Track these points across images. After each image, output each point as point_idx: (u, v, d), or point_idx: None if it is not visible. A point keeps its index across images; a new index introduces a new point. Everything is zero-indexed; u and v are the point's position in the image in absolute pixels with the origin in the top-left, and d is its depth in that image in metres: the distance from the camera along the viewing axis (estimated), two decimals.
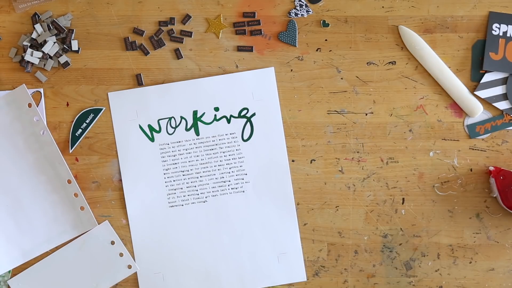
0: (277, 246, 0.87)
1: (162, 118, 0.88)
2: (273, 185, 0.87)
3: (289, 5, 0.88)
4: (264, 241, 0.87)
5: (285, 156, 0.88)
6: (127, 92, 0.88)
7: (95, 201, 0.89)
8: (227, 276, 0.87)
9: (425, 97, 0.87)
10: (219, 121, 0.88)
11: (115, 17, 0.89)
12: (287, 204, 0.87)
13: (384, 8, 0.87)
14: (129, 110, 0.88)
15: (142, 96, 0.88)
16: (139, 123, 0.88)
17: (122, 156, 0.88)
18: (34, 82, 0.89)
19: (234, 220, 0.88)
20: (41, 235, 0.88)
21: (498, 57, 0.87)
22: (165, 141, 0.88)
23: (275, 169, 0.87)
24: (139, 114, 0.88)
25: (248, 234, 0.87)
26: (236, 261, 0.87)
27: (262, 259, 0.87)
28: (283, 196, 0.87)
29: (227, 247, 0.88)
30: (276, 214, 0.87)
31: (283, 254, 0.87)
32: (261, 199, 0.87)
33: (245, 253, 0.87)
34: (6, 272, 0.88)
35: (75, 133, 0.89)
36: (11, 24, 0.89)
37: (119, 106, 0.88)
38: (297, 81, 0.88)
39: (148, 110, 0.88)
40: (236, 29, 0.88)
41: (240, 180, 0.88)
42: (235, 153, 0.88)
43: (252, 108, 0.88)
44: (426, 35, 0.87)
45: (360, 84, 0.88)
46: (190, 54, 0.89)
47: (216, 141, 0.88)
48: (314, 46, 0.88)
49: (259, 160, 0.87)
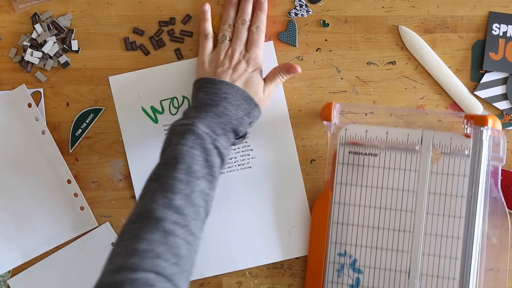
0: (288, 220, 0.87)
1: (165, 98, 0.88)
2: (280, 159, 0.87)
3: (289, 5, 0.88)
4: (274, 215, 0.87)
5: (289, 128, 0.87)
6: (128, 75, 0.88)
7: (95, 201, 0.89)
8: (240, 253, 0.87)
9: (425, 97, 0.87)
10: None
11: (115, 17, 0.89)
12: (295, 176, 0.87)
13: (384, 8, 0.87)
14: (131, 93, 0.88)
15: (143, 78, 0.88)
16: (141, 105, 0.88)
17: (127, 140, 0.88)
18: (34, 82, 0.89)
19: (242, 196, 0.87)
20: (41, 235, 0.88)
21: (498, 57, 0.87)
22: (168, 122, 0.87)
23: (280, 142, 0.87)
24: (141, 96, 0.88)
25: (257, 210, 0.87)
26: (248, 238, 0.87)
27: (274, 233, 0.87)
28: (290, 169, 0.87)
29: (237, 224, 0.87)
30: (284, 188, 0.87)
31: (294, 227, 0.87)
32: (269, 174, 0.87)
33: (256, 229, 0.87)
34: (6, 272, 0.88)
35: (75, 133, 0.89)
36: (11, 24, 0.89)
37: (120, 89, 0.88)
38: (297, 81, 0.88)
39: (150, 91, 0.88)
40: None
41: (246, 156, 0.87)
42: None
43: None
44: (426, 35, 0.87)
45: (360, 84, 0.88)
46: (190, 54, 0.88)
47: None
48: (314, 46, 0.88)
49: (264, 134, 0.87)
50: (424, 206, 0.82)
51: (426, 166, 0.82)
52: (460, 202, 0.81)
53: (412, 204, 0.82)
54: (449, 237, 0.81)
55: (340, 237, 0.84)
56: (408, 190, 0.82)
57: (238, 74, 0.80)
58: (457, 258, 0.81)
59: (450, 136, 0.81)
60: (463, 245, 0.80)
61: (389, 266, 0.82)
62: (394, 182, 0.83)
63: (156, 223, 0.66)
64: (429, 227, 0.82)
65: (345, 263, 0.84)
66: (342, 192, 0.84)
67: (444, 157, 0.82)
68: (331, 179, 0.85)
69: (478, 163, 0.79)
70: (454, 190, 0.81)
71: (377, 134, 0.83)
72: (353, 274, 0.83)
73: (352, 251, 0.84)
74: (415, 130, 0.83)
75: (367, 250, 0.83)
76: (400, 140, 0.82)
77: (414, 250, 0.82)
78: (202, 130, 0.73)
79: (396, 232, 0.82)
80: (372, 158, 0.83)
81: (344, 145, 0.84)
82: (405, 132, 0.83)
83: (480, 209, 0.79)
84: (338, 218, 0.84)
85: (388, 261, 0.83)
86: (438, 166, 0.82)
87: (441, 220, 0.81)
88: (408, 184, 0.82)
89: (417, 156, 0.82)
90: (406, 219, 0.82)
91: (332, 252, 0.84)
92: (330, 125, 0.84)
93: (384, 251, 0.83)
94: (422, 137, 0.82)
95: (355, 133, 0.84)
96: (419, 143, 0.82)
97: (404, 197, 0.82)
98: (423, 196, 0.82)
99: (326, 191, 0.85)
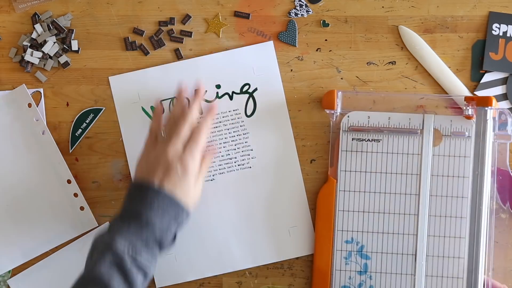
0: (288, 220, 0.87)
1: (165, 98, 0.88)
2: (280, 158, 0.87)
3: (289, 5, 0.88)
4: (274, 215, 0.87)
5: (289, 128, 0.87)
6: (128, 75, 0.88)
7: (95, 201, 0.89)
8: (240, 253, 0.87)
9: (425, 97, 0.87)
10: (222, 98, 0.88)
11: (115, 17, 0.89)
12: (295, 176, 0.87)
13: (384, 8, 0.87)
14: (131, 92, 0.88)
15: (143, 78, 0.88)
16: (141, 105, 0.88)
17: (127, 140, 0.88)
18: (34, 82, 0.89)
19: (243, 196, 0.87)
20: (41, 235, 0.88)
21: (498, 57, 0.87)
22: None
23: (280, 142, 0.87)
24: (141, 96, 0.88)
25: (258, 210, 0.87)
26: (248, 238, 0.87)
27: (274, 233, 0.87)
28: (290, 168, 0.87)
29: (237, 224, 0.87)
30: (284, 187, 0.87)
31: (294, 227, 0.87)
32: (269, 174, 0.87)
33: (256, 229, 0.87)
34: (6, 272, 0.88)
35: (75, 133, 0.89)
36: (11, 24, 0.89)
37: (120, 89, 0.88)
38: (297, 81, 0.88)
39: (150, 91, 0.88)
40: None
41: (246, 156, 0.87)
42: (239, 129, 0.87)
43: (253, 83, 0.87)
44: (426, 35, 0.87)
45: (360, 84, 0.88)
46: (190, 54, 0.89)
47: (220, 118, 0.88)
48: (314, 46, 0.88)
49: (264, 134, 0.87)
50: (428, 188, 0.84)
51: (428, 149, 0.84)
52: (462, 183, 0.83)
53: (416, 187, 0.84)
54: (453, 217, 0.83)
55: (347, 224, 0.85)
56: (411, 173, 0.84)
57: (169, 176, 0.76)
58: (464, 237, 0.83)
59: (450, 118, 0.84)
60: (470, 224, 0.82)
61: (395, 250, 0.84)
62: (398, 166, 0.84)
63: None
64: (433, 209, 0.84)
65: (352, 250, 0.85)
66: (347, 179, 0.85)
67: (445, 139, 0.84)
68: (334, 166, 0.85)
69: (484, 142, 0.80)
70: (457, 171, 0.83)
71: (380, 120, 0.85)
72: (361, 261, 0.84)
73: (359, 237, 0.84)
74: (417, 114, 0.85)
75: (373, 236, 0.84)
76: (402, 125, 0.84)
77: (420, 232, 0.84)
78: (121, 250, 0.71)
79: (401, 216, 0.84)
80: (375, 144, 0.84)
81: (347, 132, 0.85)
82: (406, 117, 0.84)
83: (487, 187, 0.81)
84: (344, 205, 0.85)
85: (395, 245, 0.84)
86: (440, 148, 0.84)
87: (445, 201, 0.83)
88: (411, 167, 0.84)
89: (419, 139, 0.84)
90: (411, 202, 0.84)
91: (339, 240, 0.85)
92: (333, 113, 0.85)
93: (391, 235, 0.84)
94: (423, 120, 0.84)
95: (357, 119, 0.85)
96: (420, 127, 0.84)
97: (408, 180, 0.84)
98: (426, 178, 0.84)
99: (331, 179, 0.85)
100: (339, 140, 0.85)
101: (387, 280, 0.84)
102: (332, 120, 0.86)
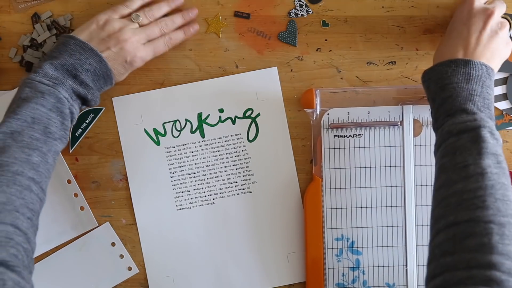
0: (286, 245, 0.87)
1: (167, 121, 0.88)
2: (280, 184, 0.87)
3: (289, 5, 0.88)
4: (273, 240, 0.87)
5: (291, 155, 0.87)
6: (131, 96, 0.88)
7: (95, 201, 0.89)
8: (238, 278, 0.87)
9: (425, 97, 0.87)
10: (224, 123, 0.88)
11: None
12: (295, 203, 0.87)
13: (384, 8, 0.88)
14: (134, 114, 0.88)
15: (146, 100, 0.88)
16: (144, 127, 0.88)
17: (128, 161, 0.88)
18: None
19: (242, 221, 0.88)
20: (40, 235, 0.87)
21: None
22: (170, 144, 0.88)
23: (281, 169, 0.87)
24: (144, 118, 0.88)
25: (257, 235, 0.87)
26: (246, 262, 0.87)
27: (272, 259, 0.87)
28: (290, 194, 0.87)
29: (236, 248, 0.87)
30: (284, 213, 0.87)
31: (292, 253, 0.87)
32: (269, 199, 0.87)
33: (254, 254, 0.87)
34: None
35: (75, 133, 0.89)
36: (11, 24, 0.89)
37: (123, 110, 0.88)
38: (297, 81, 0.88)
39: (153, 113, 0.88)
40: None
41: (247, 180, 0.88)
42: (241, 154, 0.88)
43: (256, 109, 0.88)
44: (426, 35, 0.87)
45: (360, 84, 0.88)
46: (190, 54, 0.89)
47: (222, 143, 0.88)
48: (314, 46, 0.88)
49: (265, 160, 0.87)
50: (412, 179, 0.85)
51: (409, 139, 0.85)
52: None
53: (401, 179, 0.85)
54: None
55: (336, 221, 0.85)
56: (395, 165, 0.85)
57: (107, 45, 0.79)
58: None
59: (428, 108, 0.84)
60: None
61: (386, 243, 0.85)
62: (381, 159, 0.85)
63: (13, 176, 0.66)
64: (419, 199, 0.85)
65: (343, 247, 0.85)
66: (332, 177, 0.85)
67: (425, 128, 0.85)
68: (318, 165, 0.85)
69: None
70: None
71: (359, 115, 0.85)
72: (353, 257, 0.85)
73: (348, 234, 0.85)
74: (395, 107, 0.85)
75: (363, 231, 0.85)
76: (382, 118, 0.85)
77: (408, 223, 0.85)
78: (63, 95, 0.74)
79: (388, 209, 0.85)
80: (357, 139, 0.85)
81: (328, 130, 0.85)
82: (385, 110, 0.85)
83: None
84: (331, 203, 0.85)
85: (385, 238, 0.85)
86: (421, 138, 0.85)
87: (430, 190, 0.83)
88: (394, 159, 0.85)
89: (400, 131, 0.85)
90: (397, 194, 0.85)
91: (329, 238, 0.85)
92: (312, 112, 0.85)
93: (380, 229, 0.85)
94: (402, 112, 0.85)
95: (337, 116, 0.85)
96: (400, 118, 0.85)
97: (392, 172, 0.85)
98: (410, 169, 0.85)
99: (316, 178, 0.85)
100: (321, 138, 0.85)
101: (380, 273, 0.85)
102: (313, 119, 0.86)
